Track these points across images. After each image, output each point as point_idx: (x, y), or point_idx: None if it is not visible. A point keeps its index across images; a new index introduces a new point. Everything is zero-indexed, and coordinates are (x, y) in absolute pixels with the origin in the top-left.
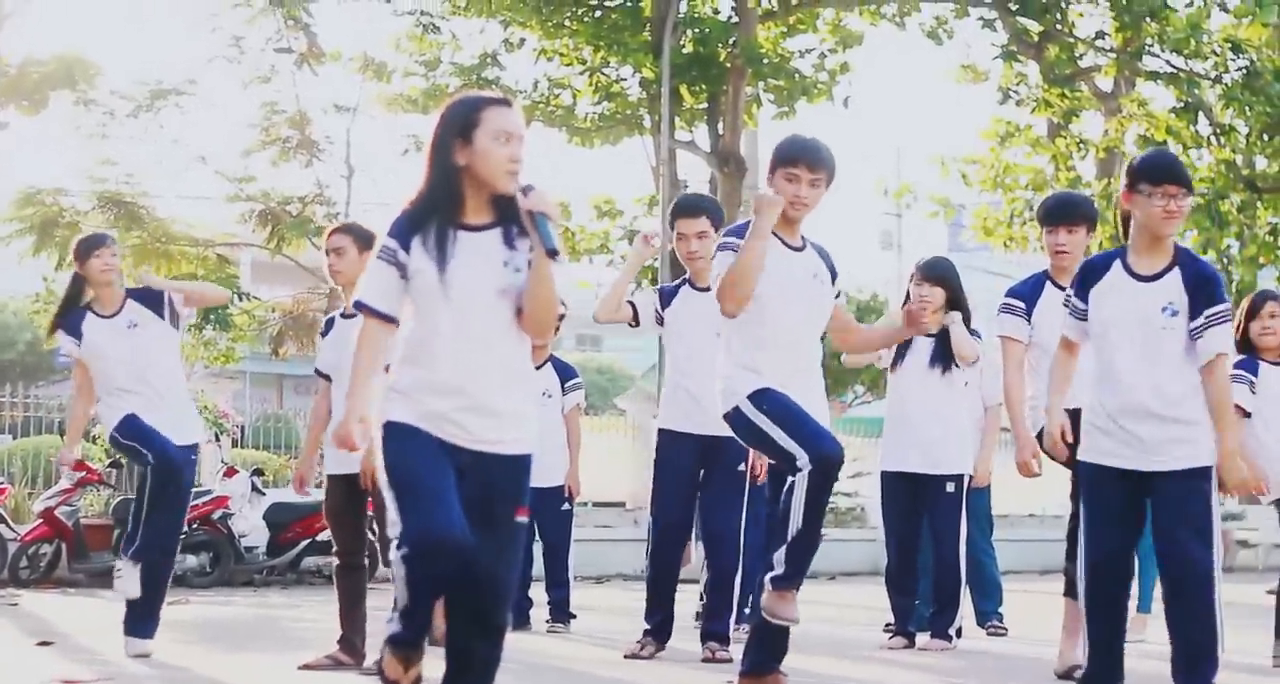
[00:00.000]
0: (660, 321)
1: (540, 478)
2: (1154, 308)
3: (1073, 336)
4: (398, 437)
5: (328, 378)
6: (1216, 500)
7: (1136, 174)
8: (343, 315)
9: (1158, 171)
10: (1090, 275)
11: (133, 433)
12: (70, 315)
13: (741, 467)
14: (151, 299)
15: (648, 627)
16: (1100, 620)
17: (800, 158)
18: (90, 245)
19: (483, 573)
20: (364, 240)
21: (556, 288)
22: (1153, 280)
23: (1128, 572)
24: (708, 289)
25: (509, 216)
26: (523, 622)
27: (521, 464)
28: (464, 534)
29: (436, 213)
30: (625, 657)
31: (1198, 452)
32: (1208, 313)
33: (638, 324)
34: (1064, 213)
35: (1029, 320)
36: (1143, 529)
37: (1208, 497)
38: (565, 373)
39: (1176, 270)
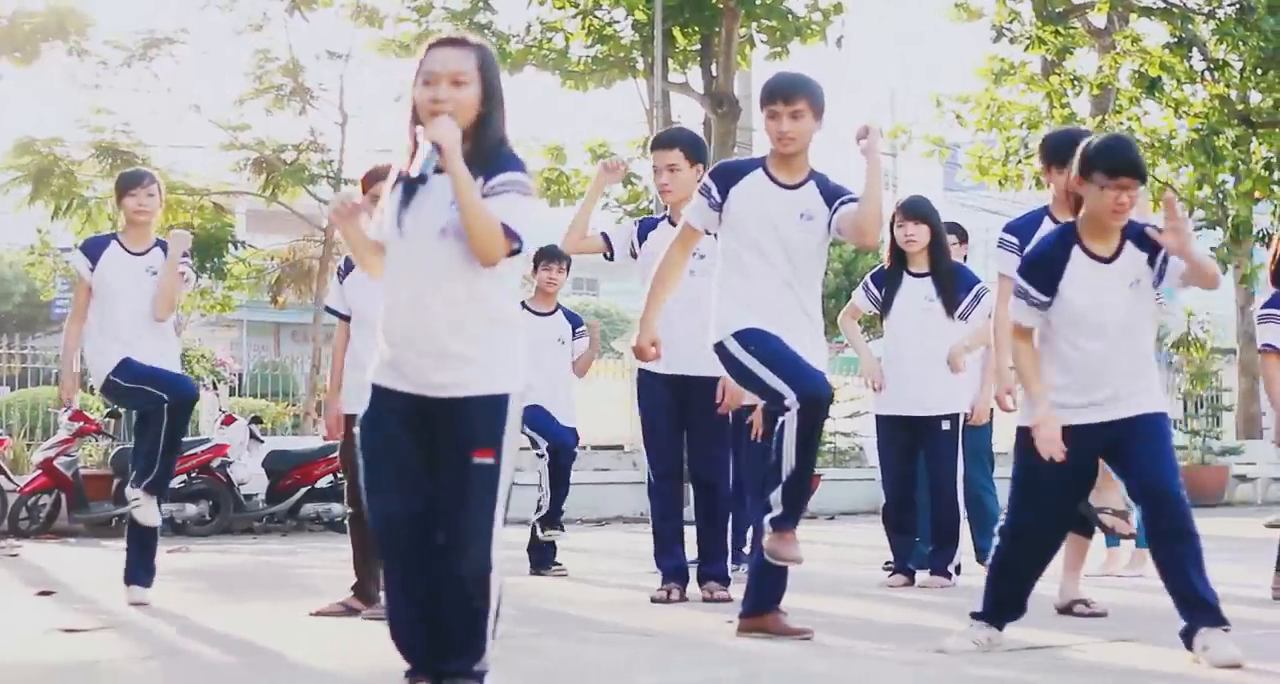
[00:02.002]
0: (634, 255)
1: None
2: (1123, 286)
3: (1030, 324)
4: (370, 412)
5: (346, 318)
6: None
7: (1091, 162)
8: None
9: (1114, 163)
10: (1054, 266)
11: (136, 374)
12: (93, 239)
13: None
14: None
15: (663, 571)
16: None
17: (775, 93)
18: (126, 184)
19: (443, 520)
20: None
21: (480, 212)
22: (1112, 261)
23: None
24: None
25: (467, 158)
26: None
27: (483, 406)
28: (409, 518)
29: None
30: (653, 601)
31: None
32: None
33: (612, 256)
34: None
35: (1020, 255)
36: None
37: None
38: (574, 320)
39: (1130, 245)
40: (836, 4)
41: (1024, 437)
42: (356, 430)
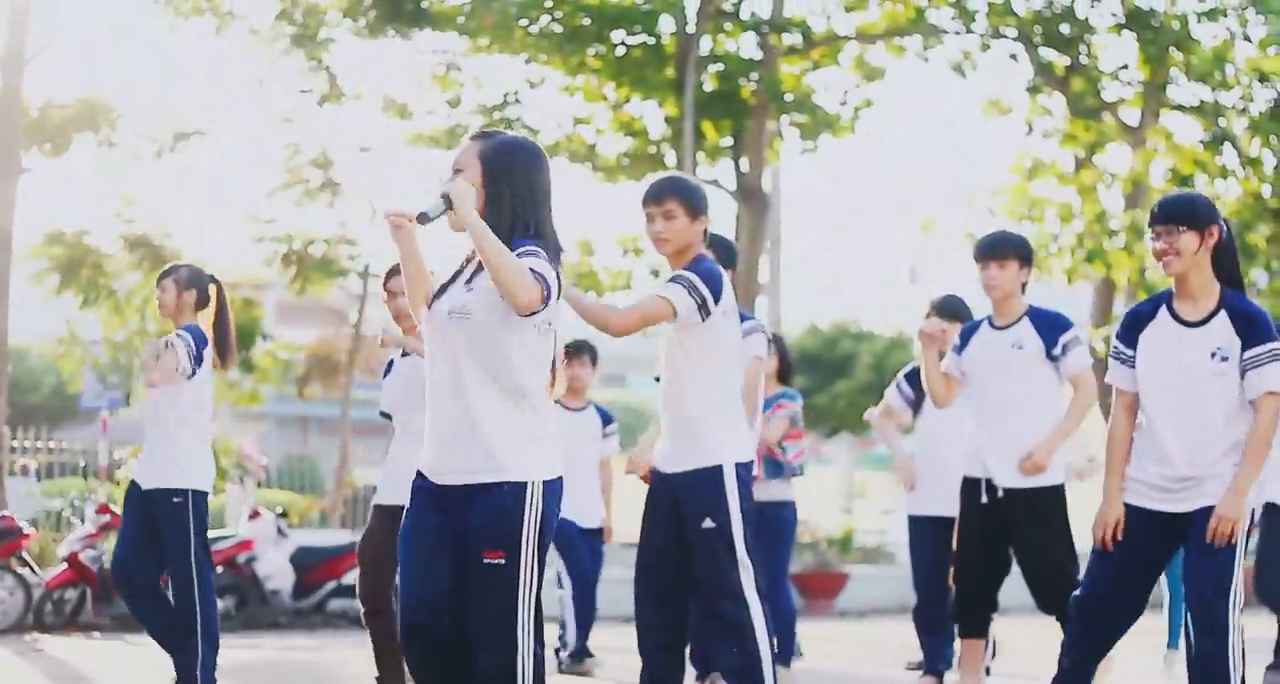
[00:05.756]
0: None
1: (585, 518)
2: (1202, 353)
3: (1126, 386)
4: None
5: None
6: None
7: None
8: (402, 355)
9: (1151, 213)
10: (1140, 322)
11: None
12: None
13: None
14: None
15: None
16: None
17: (647, 198)
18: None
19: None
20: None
21: (497, 251)
22: (1197, 326)
23: None
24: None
25: None
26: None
27: (498, 495)
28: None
29: None
30: None
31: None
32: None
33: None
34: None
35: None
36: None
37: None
38: (605, 418)
39: (1224, 315)
40: (866, 100)
41: None
42: (388, 506)
